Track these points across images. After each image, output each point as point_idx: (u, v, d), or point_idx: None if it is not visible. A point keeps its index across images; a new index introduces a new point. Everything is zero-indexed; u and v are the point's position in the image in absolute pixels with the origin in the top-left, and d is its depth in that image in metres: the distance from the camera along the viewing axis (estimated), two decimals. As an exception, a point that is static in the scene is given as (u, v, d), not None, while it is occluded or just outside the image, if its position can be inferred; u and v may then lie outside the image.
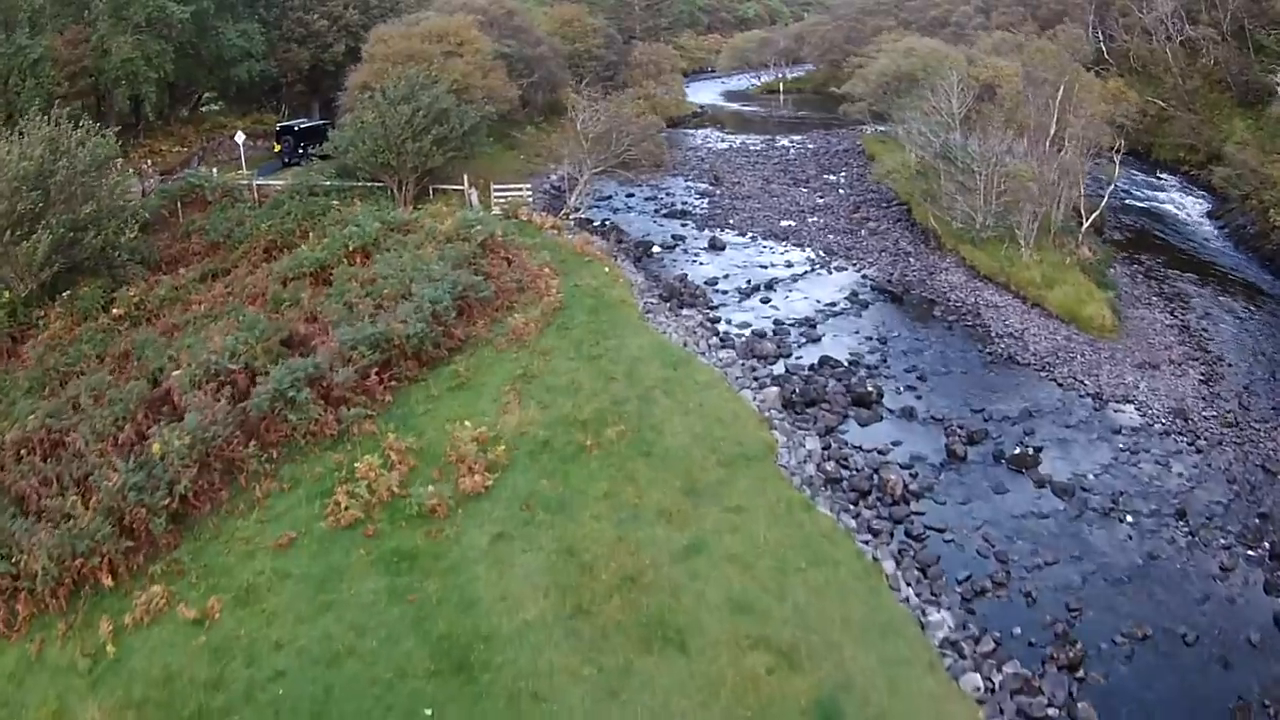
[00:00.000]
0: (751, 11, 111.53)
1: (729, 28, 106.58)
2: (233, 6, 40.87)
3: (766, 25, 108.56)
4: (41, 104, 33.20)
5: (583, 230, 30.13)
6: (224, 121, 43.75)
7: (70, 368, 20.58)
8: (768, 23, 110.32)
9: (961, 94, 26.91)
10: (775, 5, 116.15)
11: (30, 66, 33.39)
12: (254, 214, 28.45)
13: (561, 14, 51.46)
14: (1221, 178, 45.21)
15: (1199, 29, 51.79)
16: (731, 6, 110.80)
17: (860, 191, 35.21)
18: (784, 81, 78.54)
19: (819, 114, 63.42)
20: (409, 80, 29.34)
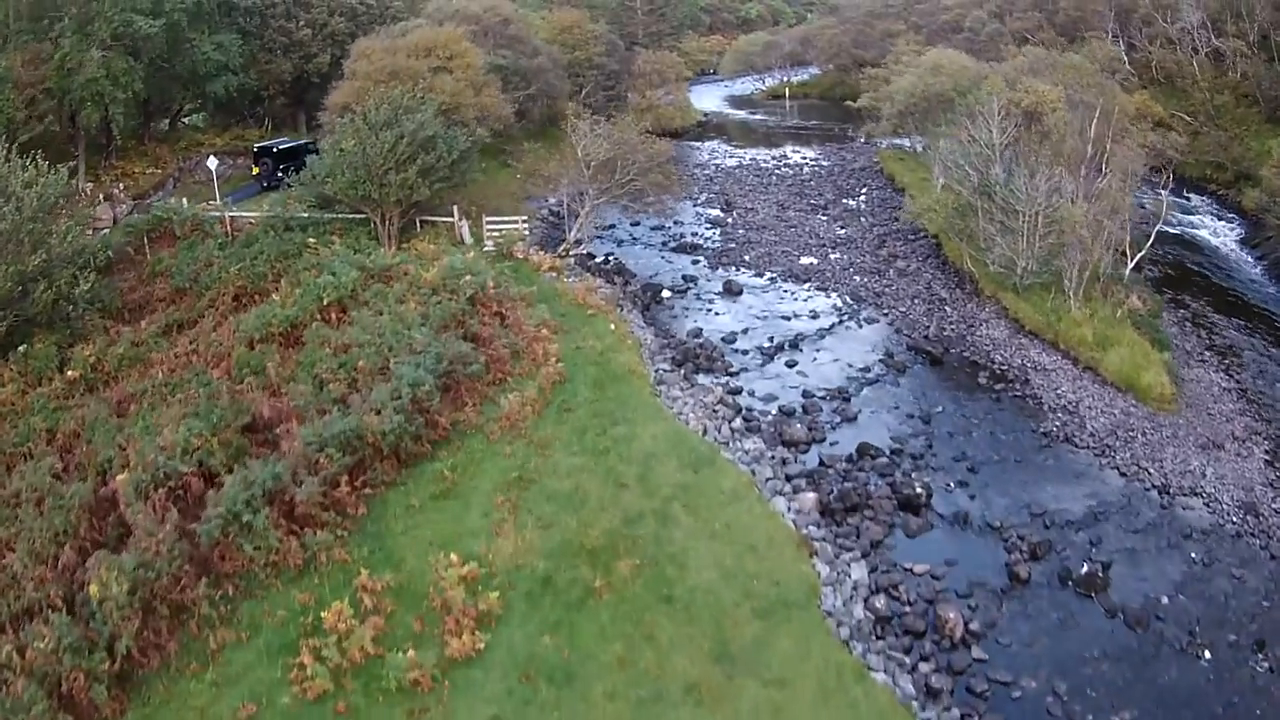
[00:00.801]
0: (754, 12, 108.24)
1: (731, 28, 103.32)
2: (208, 17, 37.49)
3: (769, 26, 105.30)
4: None
5: (584, 270, 27.44)
6: (201, 139, 40.60)
7: (17, 448, 18.22)
8: (770, 23, 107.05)
9: (1003, 123, 24.29)
10: (778, 5, 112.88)
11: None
12: (223, 255, 25.61)
13: (560, 20, 48.44)
14: (1254, 200, 43.03)
15: (1227, 41, 49.28)
16: (733, 7, 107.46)
17: (883, 220, 32.55)
18: (789, 86, 75.57)
19: (829, 123, 60.67)
20: (392, 103, 26.44)
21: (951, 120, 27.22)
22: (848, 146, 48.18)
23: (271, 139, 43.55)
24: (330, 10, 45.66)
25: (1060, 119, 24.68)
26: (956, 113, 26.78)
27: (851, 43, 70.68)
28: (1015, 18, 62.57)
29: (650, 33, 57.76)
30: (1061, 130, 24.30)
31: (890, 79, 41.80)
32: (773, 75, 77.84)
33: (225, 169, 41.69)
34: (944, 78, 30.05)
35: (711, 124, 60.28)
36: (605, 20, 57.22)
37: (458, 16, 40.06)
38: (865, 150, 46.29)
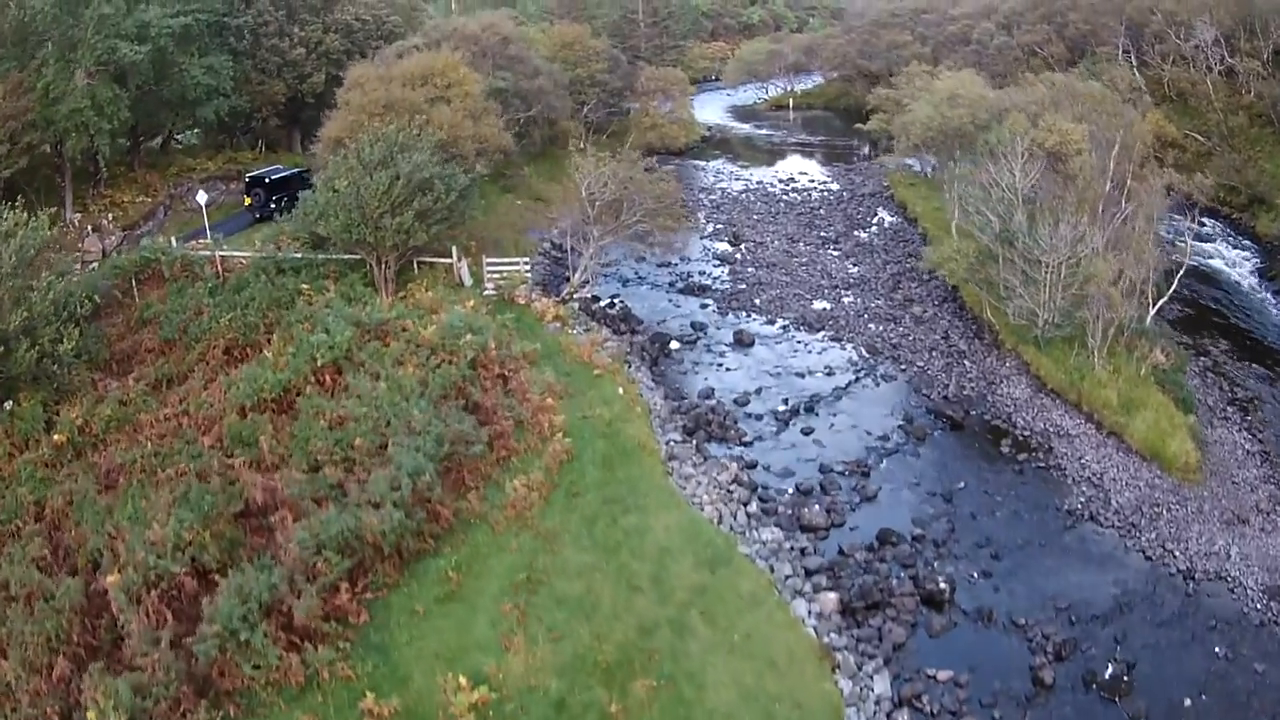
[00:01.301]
0: (756, 17, 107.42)
1: (733, 34, 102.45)
2: (197, 39, 36.57)
3: (771, 31, 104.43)
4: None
5: (589, 315, 26.85)
6: (192, 164, 39.81)
7: (5, 525, 17.82)
8: (772, 28, 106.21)
9: (1026, 166, 23.78)
10: (780, 10, 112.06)
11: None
12: (213, 302, 24.96)
13: (562, 35, 47.69)
14: (1269, 226, 42.64)
15: (1241, 60, 48.75)
16: (735, 12, 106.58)
17: (897, 256, 32.06)
18: (793, 96, 74.91)
19: (836, 139, 60.22)
20: (386, 140, 25.78)
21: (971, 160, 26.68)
22: (856, 167, 47.65)
23: (264, 165, 42.58)
24: (325, 27, 44.73)
25: (1085, 164, 24.18)
26: (977, 152, 26.24)
27: (857, 53, 70.02)
28: (1024, 30, 61.97)
29: (653, 45, 57.05)
30: (1087, 176, 23.80)
31: (903, 101, 41.26)
32: (776, 83, 77.20)
33: (217, 195, 40.91)
34: (962, 109, 29.48)
35: (715, 139, 59.62)
36: (607, 33, 56.55)
37: (455, 36, 39.34)
38: (874, 172, 45.78)
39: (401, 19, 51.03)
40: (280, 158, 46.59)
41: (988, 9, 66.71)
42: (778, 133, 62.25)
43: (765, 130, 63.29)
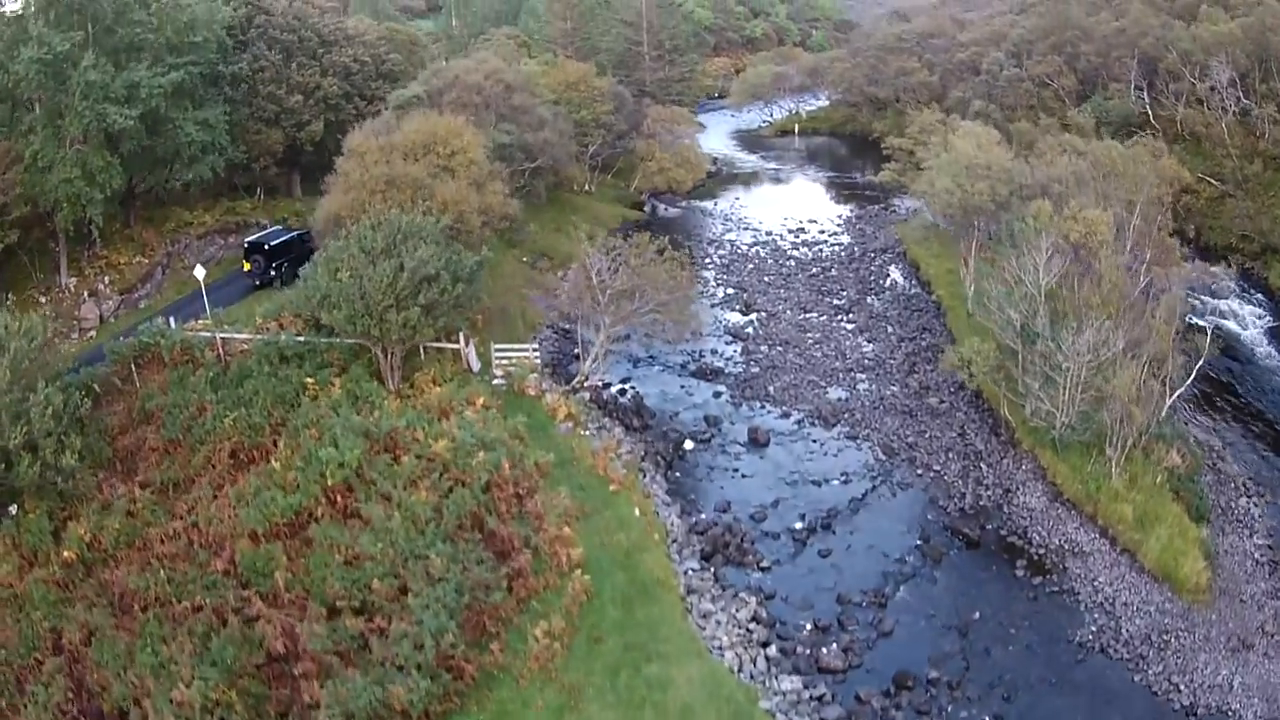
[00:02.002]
0: (759, 30, 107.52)
1: (736, 48, 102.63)
2: (190, 91, 36.46)
3: (774, 44, 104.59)
4: None
5: (600, 409, 27.12)
6: (189, 218, 39.75)
7: (24, 660, 18.10)
8: (776, 42, 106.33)
9: (1049, 262, 24.20)
10: (783, 23, 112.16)
11: None
12: (216, 397, 25.14)
13: (566, 74, 47.70)
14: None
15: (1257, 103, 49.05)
16: (738, 26, 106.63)
17: (912, 330, 32.42)
18: (799, 120, 75.17)
19: (844, 176, 60.63)
20: (389, 226, 25.95)
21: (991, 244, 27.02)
22: (866, 213, 48.01)
23: (262, 215, 42.76)
24: (323, 70, 44.63)
25: (1111, 264, 24.57)
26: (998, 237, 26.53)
27: (864, 79, 70.33)
28: (1035, 60, 62.32)
29: (658, 79, 57.09)
30: (1113, 276, 24.20)
31: (915, 151, 41.50)
32: (781, 104, 77.46)
33: (216, 250, 41.03)
34: (982, 184, 29.72)
35: (721, 173, 60.11)
36: (612, 65, 56.56)
37: (458, 85, 39.39)
38: (885, 219, 46.19)
39: (401, 56, 51.02)
40: (279, 204, 46.54)
41: (997, 36, 67.04)
42: (784, 167, 62.57)
43: (772, 164, 63.64)
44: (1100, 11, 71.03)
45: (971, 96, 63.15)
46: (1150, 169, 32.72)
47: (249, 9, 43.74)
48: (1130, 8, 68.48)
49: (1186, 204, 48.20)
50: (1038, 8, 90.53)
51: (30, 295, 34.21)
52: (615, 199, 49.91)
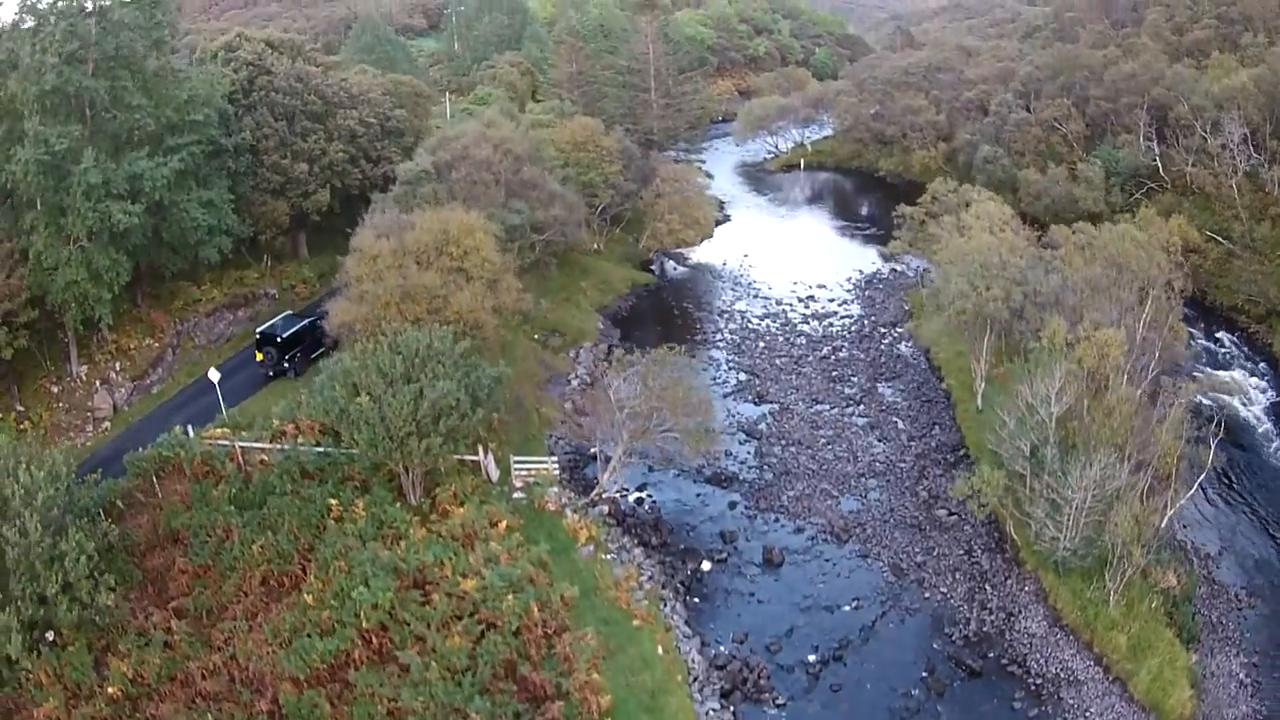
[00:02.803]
0: (762, 49, 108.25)
1: (739, 68, 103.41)
2: (194, 172, 36.96)
3: (777, 63, 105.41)
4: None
5: (618, 524, 28.45)
6: (197, 294, 40.60)
7: None
8: (779, 60, 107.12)
9: (1061, 391, 25.54)
10: (785, 40, 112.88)
11: None
12: (242, 521, 26.32)
13: (573, 133, 48.53)
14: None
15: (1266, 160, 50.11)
16: (740, 45, 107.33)
17: (923, 426, 33.79)
18: (805, 154, 76.20)
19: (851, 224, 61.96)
20: (407, 349, 26.84)
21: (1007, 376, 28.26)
22: (876, 276, 49.31)
23: (271, 297, 43.37)
24: (328, 135, 45.42)
25: (1121, 396, 25.94)
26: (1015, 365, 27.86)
27: (871, 115, 71.37)
28: (1044, 102, 63.41)
29: (665, 128, 58.02)
30: (1125, 410, 25.58)
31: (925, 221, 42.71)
32: (786, 134, 78.45)
33: (226, 327, 42.00)
34: (996, 289, 30.86)
35: (728, 217, 61.28)
36: (619, 114, 57.41)
37: (467, 161, 40.25)
38: (894, 284, 47.43)
39: (406, 111, 51.73)
40: (286, 268, 47.28)
41: (1005, 73, 68.16)
42: (792, 213, 63.73)
43: (779, 209, 64.81)
44: (1109, 45, 72.47)
45: (979, 139, 64.33)
46: (1163, 259, 34.02)
47: (250, 70, 44.40)
48: (1138, 44, 69.96)
49: (1194, 264, 49.66)
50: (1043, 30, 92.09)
51: (42, 385, 35.20)
52: (624, 257, 50.95)
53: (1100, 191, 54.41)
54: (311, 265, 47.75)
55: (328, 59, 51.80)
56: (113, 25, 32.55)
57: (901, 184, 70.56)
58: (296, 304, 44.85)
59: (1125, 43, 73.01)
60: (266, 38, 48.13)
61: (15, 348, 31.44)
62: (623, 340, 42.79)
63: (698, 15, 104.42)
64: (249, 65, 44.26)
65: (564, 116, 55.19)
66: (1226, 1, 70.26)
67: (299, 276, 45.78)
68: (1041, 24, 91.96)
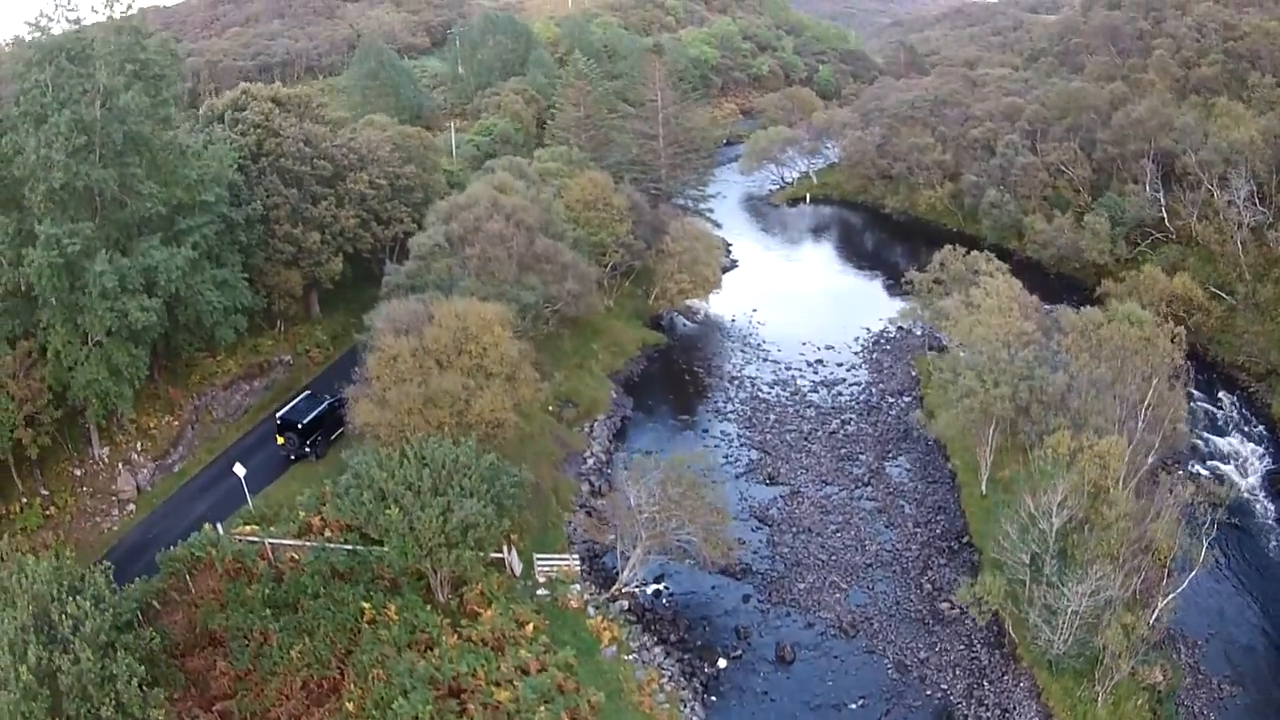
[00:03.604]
0: (765, 68, 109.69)
1: (743, 87, 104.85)
2: (207, 252, 37.84)
3: (781, 81, 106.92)
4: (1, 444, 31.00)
5: (637, 618, 30.32)
6: (213, 367, 42.06)
7: None
8: (782, 78, 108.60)
9: (1062, 504, 27.53)
10: (789, 58, 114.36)
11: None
12: (279, 625, 28.10)
13: (584, 191, 50.01)
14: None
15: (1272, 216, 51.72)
16: (744, 64, 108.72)
17: (928, 511, 35.65)
18: (810, 187, 77.95)
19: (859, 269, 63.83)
20: (434, 462, 28.44)
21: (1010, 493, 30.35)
22: (883, 336, 51.13)
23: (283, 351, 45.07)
24: (338, 199, 46.84)
25: (1120, 513, 27.94)
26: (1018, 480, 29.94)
27: (876, 151, 73.06)
28: (1050, 144, 65.17)
29: (674, 177, 59.60)
30: (1121, 526, 27.61)
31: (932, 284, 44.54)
32: (793, 165, 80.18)
33: (243, 399, 43.58)
34: (1004, 384, 32.69)
35: (735, 262, 63.06)
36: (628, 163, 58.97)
37: (481, 236, 41.84)
38: (901, 346, 49.25)
39: (415, 164, 53.07)
40: (300, 331, 48.61)
41: (1011, 109, 69.82)
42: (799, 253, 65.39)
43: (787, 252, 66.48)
44: (1115, 77, 74.22)
45: (985, 182, 66.03)
46: (1166, 351, 35.95)
47: (258, 133, 45.30)
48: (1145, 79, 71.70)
49: (1197, 322, 51.58)
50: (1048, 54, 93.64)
51: (64, 468, 36.68)
52: (634, 313, 52.59)
53: (1106, 243, 56.30)
54: (324, 326, 49.29)
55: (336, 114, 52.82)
56: (119, 111, 32.63)
57: (907, 220, 72.79)
58: (311, 369, 46.60)
59: (1132, 76, 75.00)
60: (273, 94, 49.15)
61: (40, 445, 32.73)
62: (635, 409, 44.61)
63: (701, 34, 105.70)
64: (256, 127, 45.32)
65: (572, 164, 56.82)
66: (1233, 37, 72.19)
67: (313, 340, 47.31)
68: (1046, 46, 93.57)
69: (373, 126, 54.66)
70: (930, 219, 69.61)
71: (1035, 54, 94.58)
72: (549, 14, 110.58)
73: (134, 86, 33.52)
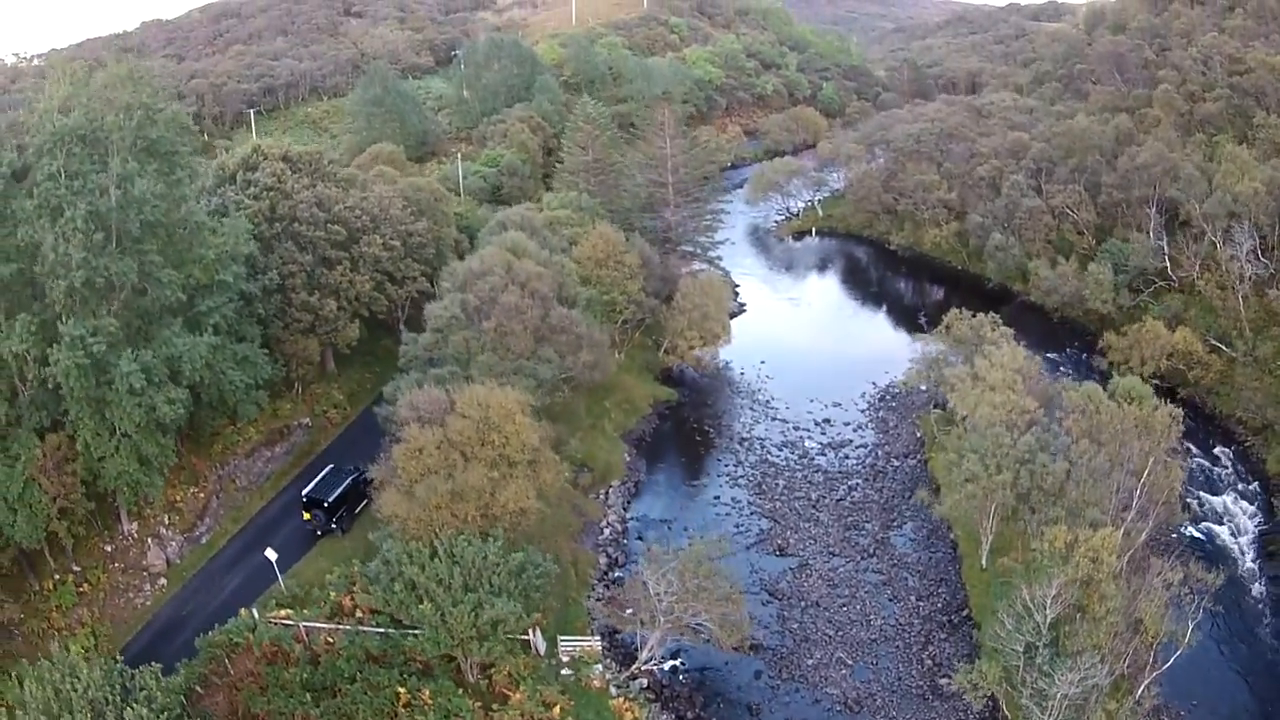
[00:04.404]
0: (769, 87, 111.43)
1: (747, 108, 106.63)
2: (230, 330, 39.59)
3: (785, 100, 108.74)
4: (36, 535, 32.72)
5: (656, 697, 32.75)
6: (235, 436, 44.27)
7: None
8: (787, 97, 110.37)
9: (1056, 598, 29.96)
10: (792, 76, 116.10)
11: (19, 496, 32.28)
12: (319, 712, 30.41)
13: (595, 249, 51.80)
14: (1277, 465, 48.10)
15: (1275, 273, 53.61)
16: (748, 84, 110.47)
17: (930, 582, 37.88)
18: (815, 218, 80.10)
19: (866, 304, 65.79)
20: (465, 561, 30.69)
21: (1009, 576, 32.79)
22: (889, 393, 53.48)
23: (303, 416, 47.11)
24: (353, 262, 48.72)
25: (1109, 608, 30.41)
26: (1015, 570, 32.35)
27: (882, 187, 75.13)
28: (1056, 185, 67.16)
29: (681, 218, 61.73)
30: (1110, 621, 30.08)
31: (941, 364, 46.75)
32: (799, 196, 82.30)
33: (264, 465, 45.78)
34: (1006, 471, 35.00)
35: (743, 306, 65.19)
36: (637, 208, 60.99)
37: (498, 310, 43.48)
38: (906, 404, 51.54)
39: (428, 219, 54.89)
40: (318, 392, 50.69)
41: (1017, 147, 71.75)
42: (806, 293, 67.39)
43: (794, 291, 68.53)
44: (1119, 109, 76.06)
45: (991, 224, 68.00)
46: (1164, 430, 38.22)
47: (271, 196, 46.81)
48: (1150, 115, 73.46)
49: (1196, 375, 53.79)
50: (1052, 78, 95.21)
51: (95, 544, 38.57)
52: (645, 366, 54.65)
53: (1109, 292, 58.37)
54: (340, 384, 51.36)
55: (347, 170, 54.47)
56: (135, 200, 33.32)
57: (912, 256, 75.08)
58: (330, 430, 48.69)
59: (1138, 111, 76.79)
60: (284, 153, 50.88)
61: (75, 535, 34.84)
62: (648, 473, 46.90)
63: (705, 53, 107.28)
64: (269, 190, 46.89)
65: (582, 211, 58.90)
66: (1238, 71, 73.99)
67: (330, 401, 49.40)
68: (1050, 69, 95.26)
69: (383, 179, 56.56)
70: (936, 256, 71.74)
71: (1040, 77, 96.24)
72: (553, 30, 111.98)
73: (148, 169, 34.31)
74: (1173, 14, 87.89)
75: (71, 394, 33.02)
